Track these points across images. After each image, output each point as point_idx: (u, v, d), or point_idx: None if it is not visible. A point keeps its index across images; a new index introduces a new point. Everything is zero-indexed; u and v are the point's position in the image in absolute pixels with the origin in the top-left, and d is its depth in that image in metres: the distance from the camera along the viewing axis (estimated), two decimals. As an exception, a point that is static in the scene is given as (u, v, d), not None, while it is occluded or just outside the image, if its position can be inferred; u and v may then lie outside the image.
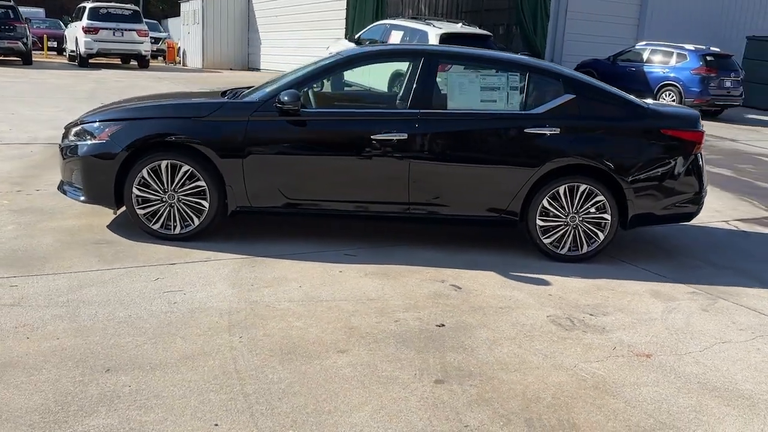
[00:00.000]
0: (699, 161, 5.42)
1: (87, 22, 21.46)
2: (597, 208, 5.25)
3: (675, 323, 4.30)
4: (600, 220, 5.27)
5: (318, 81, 5.43)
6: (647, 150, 5.29)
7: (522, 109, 5.28)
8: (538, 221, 5.27)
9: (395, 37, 14.42)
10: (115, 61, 24.64)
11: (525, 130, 5.18)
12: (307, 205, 5.28)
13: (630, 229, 5.41)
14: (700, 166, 5.42)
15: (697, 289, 4.94)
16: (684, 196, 5.40)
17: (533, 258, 5.35)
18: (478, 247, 5.55)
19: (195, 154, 5.11)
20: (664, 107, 5.70)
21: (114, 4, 22.76)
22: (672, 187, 5.34)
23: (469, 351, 3.73)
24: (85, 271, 4.53)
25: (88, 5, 22.10)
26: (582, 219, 5.27)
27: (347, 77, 7.52)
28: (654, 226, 5.78)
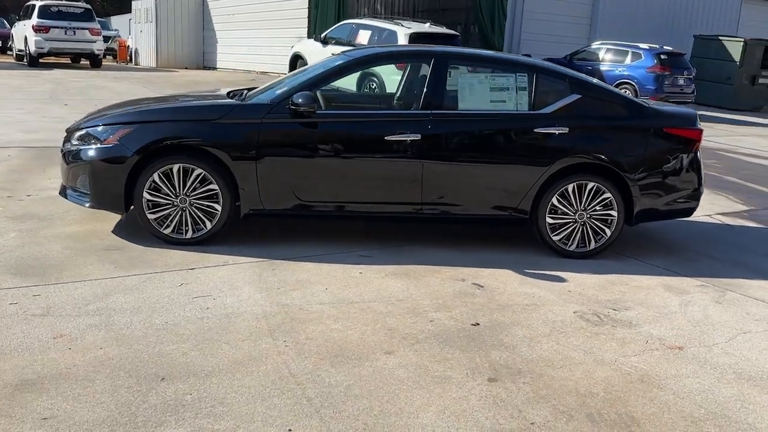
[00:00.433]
0: (698, 158, 5.60)
1: (37, 20, 20.83)
2: (604, 206, 5.38)
3: (694, 316, 4.45)
4: (607, 217, 5.41)
5: (330, 82, 5.42)
6: (651, 148, 5.45)
7: (531, 109, 5.37)
8: (548, 219, 5.37)
9: (363, 36, 14.42)
10: (64, 60, 23.98)
11: (535, 130, 5.28)
12: (320, 206, 5.27)
13: (634, 225, 5.56)
14: (699, 162, 5.61)
15: (704, 282, 5.12)
16: (685, 192, 5.58)
17: (542, 255, 5.45)
18: (487, 246, 5.62)
19: (207, 157, 5.05)
20: (663, 106, 5.87)
21: (65, 2, 22.14)
22: (674, 184, 5.51)
23: (511, 349, 3.79)
24: (104, 279, 4.44)
25: (38, 3, 21.44)
26: (589, 216, 5.39)
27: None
28: (655, 222, 5.92)
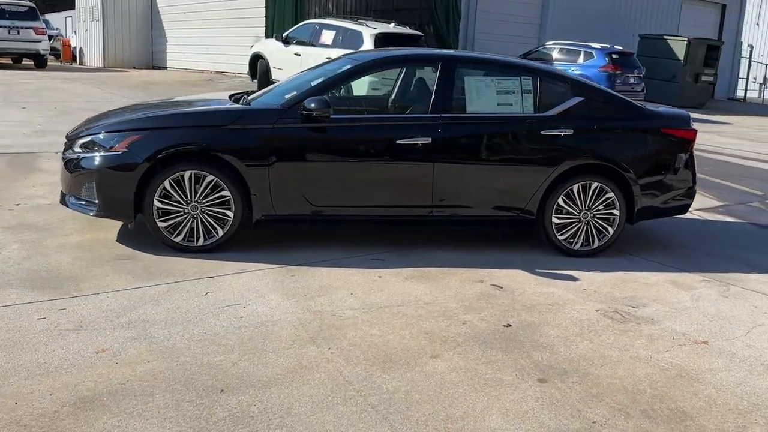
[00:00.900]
0: (693, 157, 5.81)
1: (-22, 19, 20.07)
2: (606, 205, 5.53)
3: (708, 310, 4.62)
4: (609, 216, 5.56)
5: (340, 86, 5.41)
6: (651, 148, 5.64)
7: (536, 111, 5.48)
8: (554, 219, 5.49)
9: (327, 37, 14.35)
10: (4, 61, 23.12)
11: (541, 132, 5.38)
12: (331, 211, 5.27)
13: (635, 223, 5.72)
14: (693, 161, 5.82)
15: (706, 277, 5.31)
16: (681, 190, 5.78)
17: (547, 254, 5.57)
18: (492, 247, 5.70)
19: (219, 164, 4.99)
20: (658, 108, 6.05)
21: (7, 0, 21.36)
22: (671, 182, 5.70)
23: (550, 349, 3.87)
24: (126, 290, 4.35)
25: (-22, 2, 20.67)
26: (593, 215, 5.53)
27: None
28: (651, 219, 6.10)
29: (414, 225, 5.60)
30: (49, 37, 24.11)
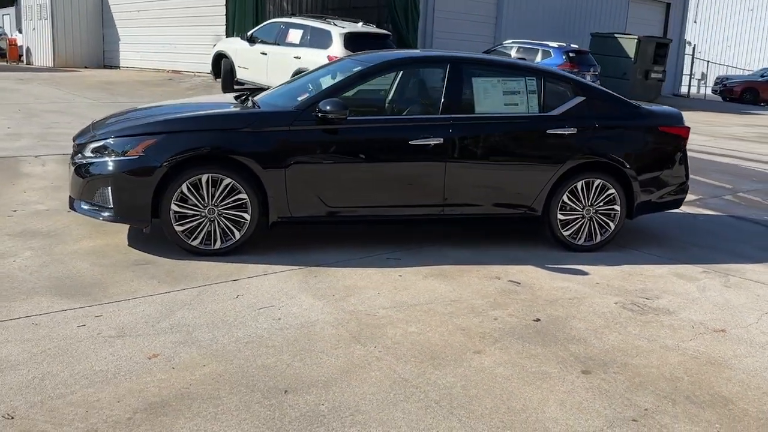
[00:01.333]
0: (686, 154, 6.06)
1: None
2: (608, 201, 5.72)
3: (716, 300, 4.85)
4: (611, 212, 5.75)
5: (352, 88, 5.46)
6: (649, 146, 5.86)
7: (541, 111, 5.64)
8: (559, 215, 5.66)
9: (294, 36, 14.31)
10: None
11: (547, 131, 5.55)
12: (346, 212, 5.33)
13: (634, 218, 5.94)
14: (686, 158, 6.07)
15: (705, 268, 5.55)
16: (675, 185, 6.02)
17: (553, 250, 5.73)
18: (498, 244, 5.84)
19: (236, 167, 4.99)
20: (652, 107, 6.28)
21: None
22: (667, 178, 5.94)
23: (583, 342, 4.02)
24: (155, 294, 4.33)
25: None
26: (595, 211, 5.72)
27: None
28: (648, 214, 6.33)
29: (425, 224, 5.70)
30: (-5, 36, 23.39)
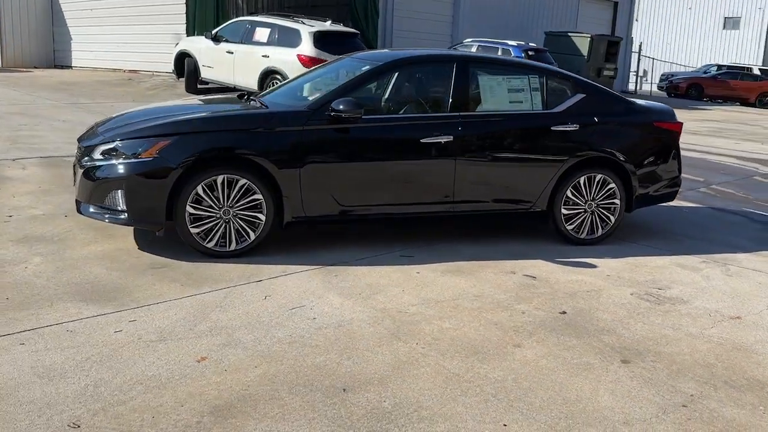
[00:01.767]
0: (679, 148, 6.26)
1: None
2: (608, 195, 5.87)
3: (723, 288, 5.03)
4: (611, 206, 5.91)
5: (362, 87, 5.47)
6: (646, 141, 6.04)
7: (544, 108, 5.76)
8: (563, 210, 5.78)
9: (261, 34, 14.19)
10: None
11: (552, 128, 5.66)
12: (359, 210, 5.34)
13: (633, 210, 6.11)
14: (679, 152, 6.27)
15: (704, 258, 5.75)
16: (669, 179, 6.22)
17: (556, 244, 5.85)
18: (505, 239, 5.93)
19: (251, 167, 4.96)
20: (647, 103, 6.47)
21: None
22: (662, 172, 6.14)
23: (613, 332, 4.13)
24: (182, 298, 4.28)
25: None
26: (597, 205, 5.87)
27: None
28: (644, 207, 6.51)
29: (435, 221, 5.75)
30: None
